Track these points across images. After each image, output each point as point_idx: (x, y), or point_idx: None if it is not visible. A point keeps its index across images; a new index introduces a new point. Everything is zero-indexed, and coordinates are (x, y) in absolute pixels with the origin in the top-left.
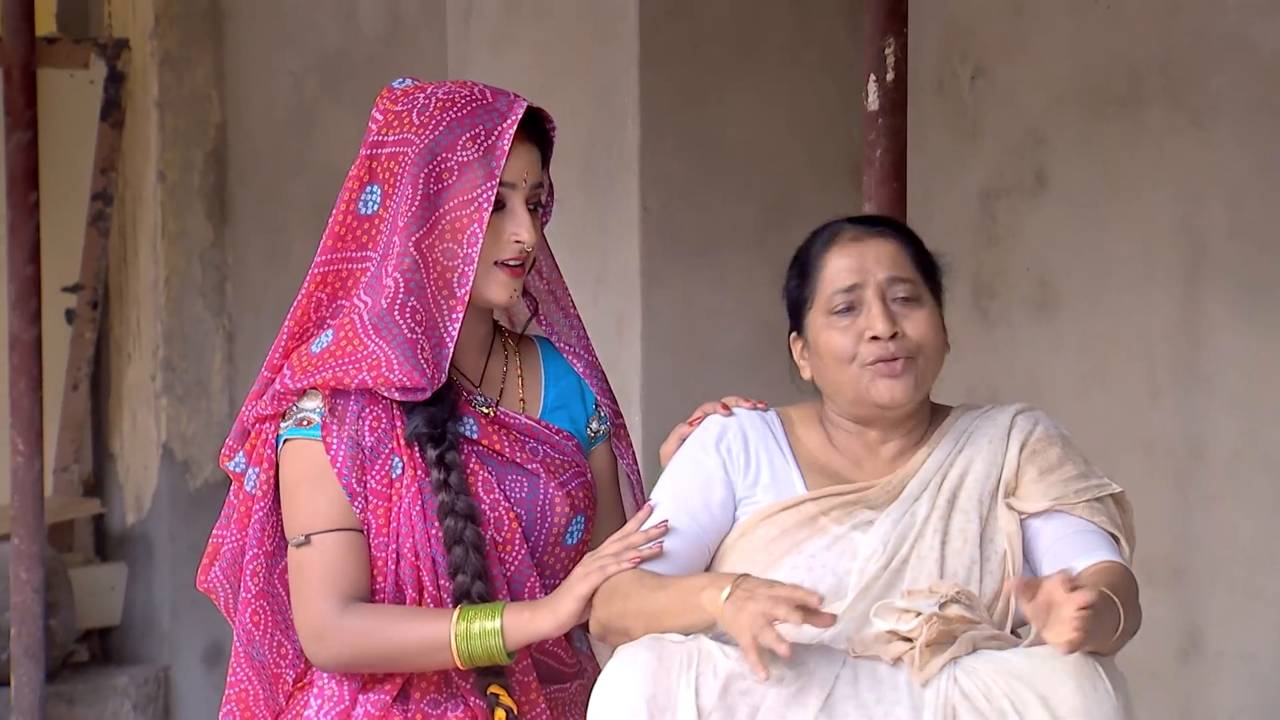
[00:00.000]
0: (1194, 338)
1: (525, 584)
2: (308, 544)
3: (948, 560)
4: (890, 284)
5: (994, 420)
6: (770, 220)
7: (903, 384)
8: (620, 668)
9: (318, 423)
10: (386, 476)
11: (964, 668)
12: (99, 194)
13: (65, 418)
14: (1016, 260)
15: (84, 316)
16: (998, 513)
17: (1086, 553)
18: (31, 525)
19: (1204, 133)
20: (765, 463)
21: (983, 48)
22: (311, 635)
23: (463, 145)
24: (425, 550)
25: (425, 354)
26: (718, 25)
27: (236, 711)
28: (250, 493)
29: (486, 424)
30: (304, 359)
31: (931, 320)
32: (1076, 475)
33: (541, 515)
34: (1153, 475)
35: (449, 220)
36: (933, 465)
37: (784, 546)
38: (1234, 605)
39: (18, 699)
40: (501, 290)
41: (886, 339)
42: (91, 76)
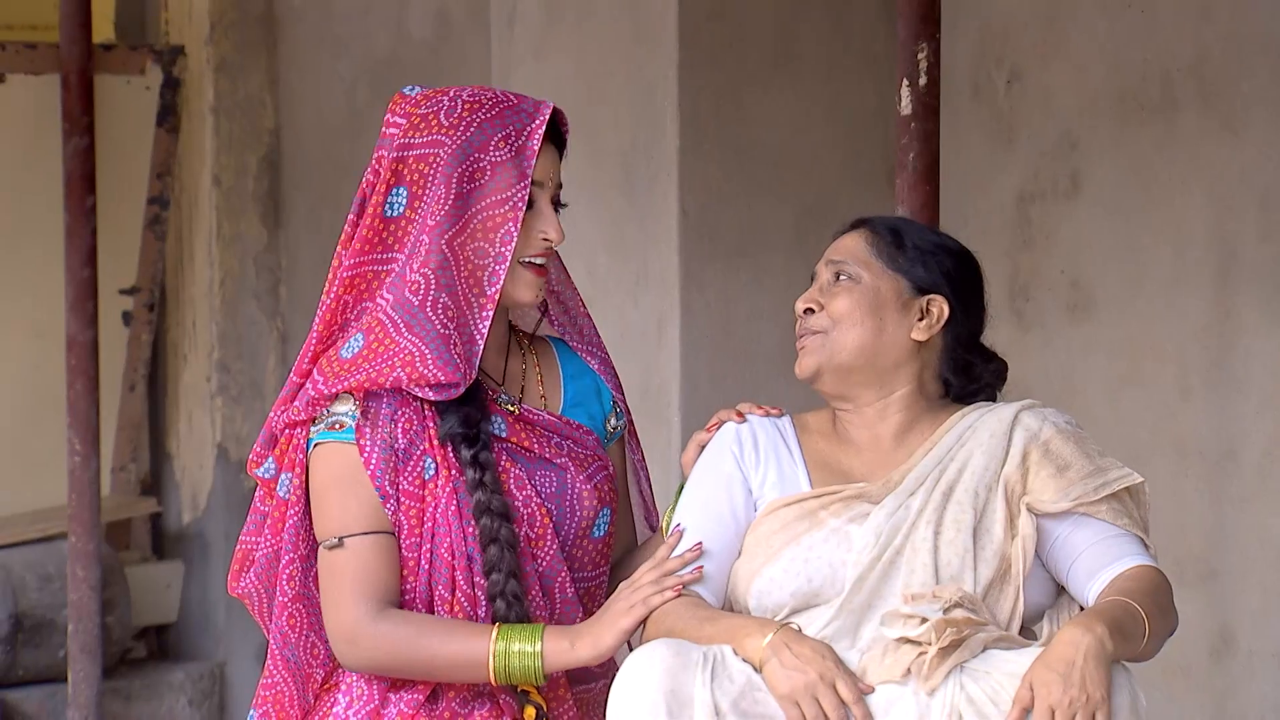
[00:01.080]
0: (1225, 340)
1: (556, 579)
2: (341, 546)
3: (941, 550)
4: (829, 265)
5: (997, 416)
6: (807, 223)
7: (808, 360)
8: (640, 663)
9: (351, 426)
10: (419, 477)
11: (970, 673)
12: (155, 198)
13: (122, 418)
14: (1051, 263)
15: (141, 319)
16: (995, 505)
17: (1117, 559)
18: (88, 524)
19: (1235, 136)
20: (774, 463)
21: (1018, 53)
22: (343, 638)
23: (495, 145)
24: (460, 549)
25: (458, 349)
26: (756, 30)
27: (272, 713)
28: (284, 498)
29: (513, 421)
30: (335, 364)
31: (854, 296)
32: (1094, 470)
33: (571, 509)
34: (1185, 476)
35: (481, 219)
36: (932, 460)
37: (784, 539)
38: (1266, 605)
39: (75, 695)
40: (527, 290)
41: (801, 313)
42: (148, 83)
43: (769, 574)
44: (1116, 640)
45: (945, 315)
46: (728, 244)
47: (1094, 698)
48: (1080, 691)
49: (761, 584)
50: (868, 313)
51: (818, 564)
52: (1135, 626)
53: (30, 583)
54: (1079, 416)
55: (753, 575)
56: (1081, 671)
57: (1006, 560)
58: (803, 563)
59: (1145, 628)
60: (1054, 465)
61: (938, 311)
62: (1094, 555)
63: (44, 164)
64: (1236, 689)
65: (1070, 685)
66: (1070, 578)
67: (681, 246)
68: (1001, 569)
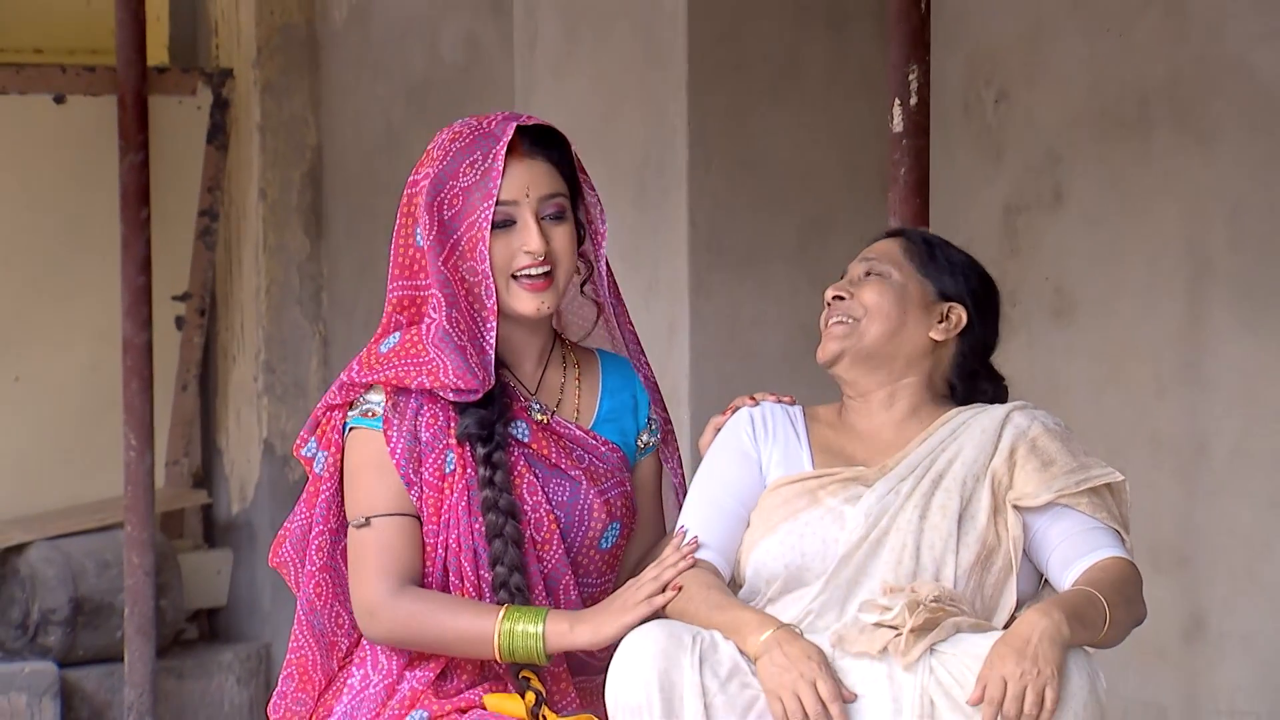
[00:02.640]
0: (1198, 342)
1: (560, 581)
2: (367, 525)
3: (925, 533)
4: (863, 262)
5: (990, 414)
6: (810, 234)
7: (833, 345)
8: (636, 644)
9: (380, 415)
10: (440, 470)
11: (939, 655)
12: (205, 210)
13: (175, 415)
14: (1036, 271)
15: (192, 323)
16: (981, 494)
17: (1091, 551)
18: (143, 514)
19: (1207, 152)
20: (781, 444)
21: (1005, 74)
22: (365, 610)
23: (463, 171)
24: (468, 542)
25: (474, 359)
26: (761, 51)
27: (295, 675)
28: (319, 474)
29: (538, 430)
30: (373, 356)
31: (885, 289)
32: (1077, 467)
33: (580, 519)
34: (1160, 470)
35: (466, 241)
36: (926, 449)
37: (783, 514)
38: (1235, 591)
39: (130, 673)
40: (526, 303)
41: (830, 299)
42: (199, 103)
43: (766, 545)
44: (1074, 625)
45: (963, 323)
46: (734, 254)
47: (1044, 673)
48: (1032, 665)
49: (759, 555)
50: (894, 305)
51: (811, 539)
52: (1095, 614)
53: (89, 569)
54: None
55: (752, 546)
56: (1035, 648)
57: (987, 546)
58: (798, 537)
59: (1106, 616)
60: (1039, 460)
61: (956, 318)
62: (1071, 545)
63: (102, 179)
64: (1207, 671)
65: (1023, 659)
66: (1049, 567)
67: (691, 256)
68: (982, 554)
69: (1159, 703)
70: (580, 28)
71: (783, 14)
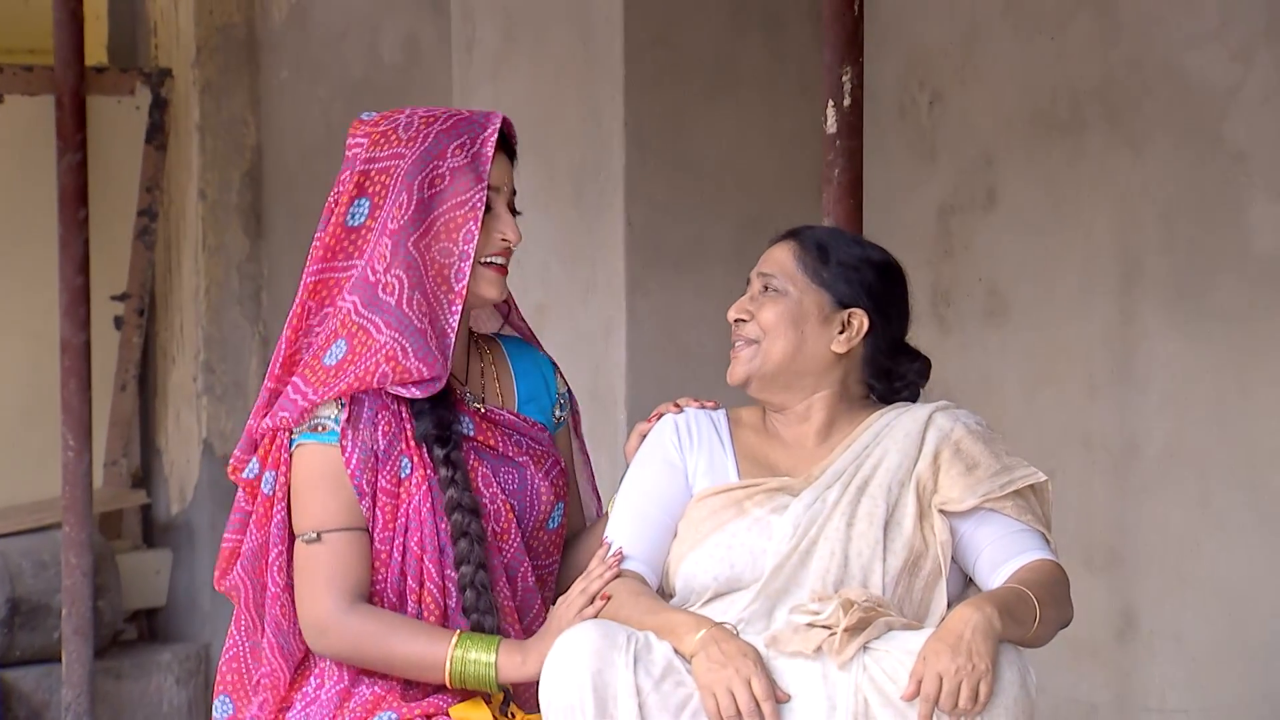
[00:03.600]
0: (1129, 343)
1: (519, 569)
2: (319, 541)
3: (853, 540)
4: (759, 276)
5: (912, 416)
6: (746, 235)
7: (739, 369)
8: (569, 644)
9: (334, 429)
10: (395, 476)
11: (873, 655)
12: (144, 211)
13: (114, 416)
14: (970, 271)
15: (131, 323)
16: (906, 500)
17: (1019, 554)
18: (80, 514)
19: (1138, 154)
20: (706, 453)
21: (939, 76)
22: (315, 627)
23: (452, 152)
24: (433, 542)
25: (433, 342)
26: (697, 54)
27: (270, 700)
28: (269, 494)
29: (479, 421)
30: (320, 372)
31: (780, 309)
32: (1001, 469)
33: (531, 504)
34: (1092, 469)
35: (444, 221)
36: (850, 456)
37: (710, 526)
38: (1165, 589)
39: (68, 674)
40: (491, 287)
41: (732, 321)
42: (137, 103)
43: (694, 558)
44: (1005, 620)
45: (865, 328)
46: (671, 254)
47: (979, 668)
48: (967, 660)
49: (688, 567)
50: (791, 325)
51: (740, 551)
52: (1026, 611)
53: (27, 569)
54: (996, 414)
55: (680, 559)
56: (969, 644)
57: (914, 552)
58: (726, 549)
59: (1036, 614)
60: (963, 464)
61: (858, 324)
62: (998, 549)
63: (39, 179)
64: (1139, 668)
65: (958, 654)
66: (976, 570)
67: (628, 256)
68: (909, 560)
69: (1090, 700)
70: (517, 30)
71: (719, 16)
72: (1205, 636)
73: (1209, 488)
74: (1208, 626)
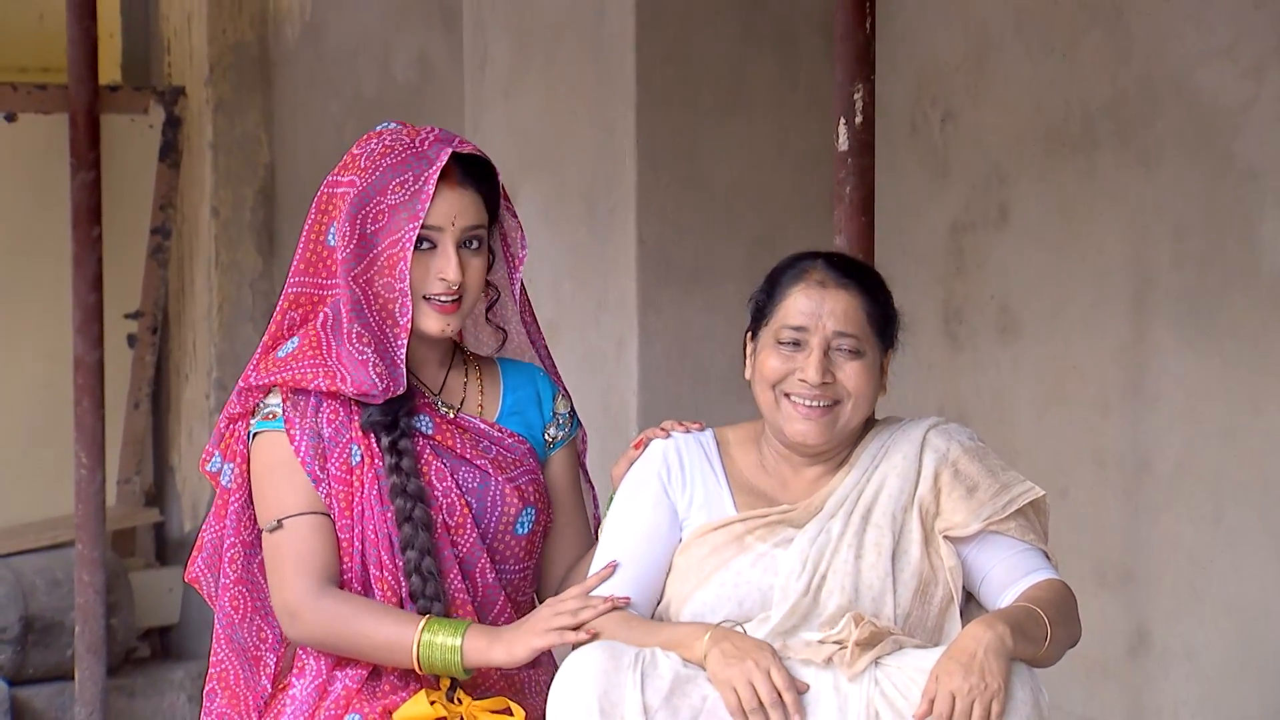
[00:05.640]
0: (1141, 360)
1: (476, 565)
2: (280, 528)
3: (863, 573)
4: (836, 337)
5: (908, 436)
6: (757, 252)
7: (817, 428)
8: (575, 666)
9: (280, 416)
10: (346, 464)
11: (885, 670)
12: (158, 228)
13: (127, 434)
14: (982, 288)
15: (145, 341)
16: (911, 526)
17: (1026, 574)
18: (93, 532)
19: (1150, 171)
20: (700, 484)
21: (951, 94)
22: (287, 612)
23: (392, 190)
24: (383, 530)
25: (379, 369)
26: (709, 72)
27: (219, 690)
28: (226, 486)
29: (442, 423)
30: (269, 360)
31: (864, 372)
32: (1000, 489)
33: (492, 504)
34: (1104, 486)
35: (385, 258)
36: (850, 483)
37: (714, 564)
38: (1178, 606)
39: (81, 691)
40: (433, 323)
41: (815, 385)
42: (151, 121)
43: (701, 597)
44: (1017, 639)
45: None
46: (683, 272)
47: (991, 687)
48: (980, 680)
49: (694, 607)
50: (872, 387)
51: (747, 589)
52: (1037, 630)
53: (40, 587)
54: (1008, 431)
55: (685, 598)
56: (981, 662)
57: (924, 580)
58: (732, 587)
59: (1047, 632)
60: (964, 487)
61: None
62: (1004, 571)
63: (53, 197)
64: (1151, 685)
65: (970, 674)
66: (982, 592)
67: (640, 274)
68: (919, 589)
69: (1102, 717)
70: (530, 47)
71: (731, 34)
72: (1217, 654)
73: (1221, 504)
74: (1220, 643)
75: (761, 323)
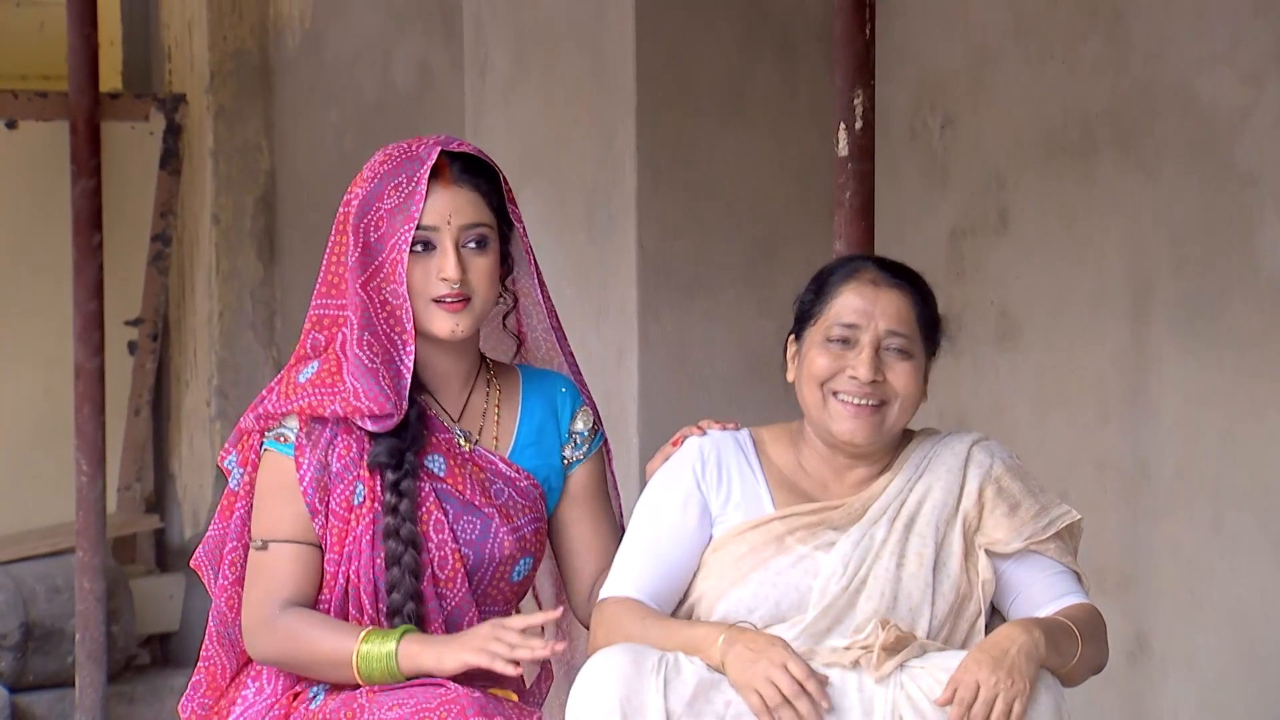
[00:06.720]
0: (1141, 366)
1: (464, 618)
2: (265, 549)
3: (903, 582)
4: (887, 335)
5: (952, 449)
6: (757, 258)
7: (866, 426)
8: (597, 669)
9: (292, 442)
10: (348, 501)
11: (910, 673)
12: (158, 236)
13: (128, 440)
14: (981, 294)
15: (145, 348)
16: (953, 538)
17: (1059, 596)
18: (93, 539)
19: (1149, 177)
20: (737, 481)
21: (950, 100)
22: (248, 630)
23: (388, 195)
24: (368, 575)
25: (386, 381)
26: (709, 78)
27: (204, 681)
28: (234, 489)
29: (454, 465)
30: (289, 385)
31: (913, 373)
32: (1040, 510)
33: (489, 556)
34: (1104, 493)
35: (389, 264)
36: (893, 490)
37: (751, 563)
38: (1178, 612)
39: (81, 698)
40: (442, 324)
41: (865, 383)
42: (151, 128)
43: (737, 595)
44: (1049, 648)
45: None
46: (683, 277)
47: (1017, 685)
48: (1007, 675)
49: (730, 605)
50: (918, 386)
51: (785, 589)
52: (1069, 644)
53: (40, 594)
54: (1008, 436)
55: (720, 595)
56: (1012, 660)
57: (961, 594)
58: (770, 587)
59: (1078, 649)
60: (1006, 504)
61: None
62: (1038, 590)
63: (54, 204)
64: (1151, 691)
65: (999, 668)
66: (1013, 609)
67: (640, 280)
68: (956, 601)
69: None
70: (529, 54)
71: (730, 40)
72: (1217, 660)
73: (1221, 511)
74: (1220, 650)
75: (808, 323)
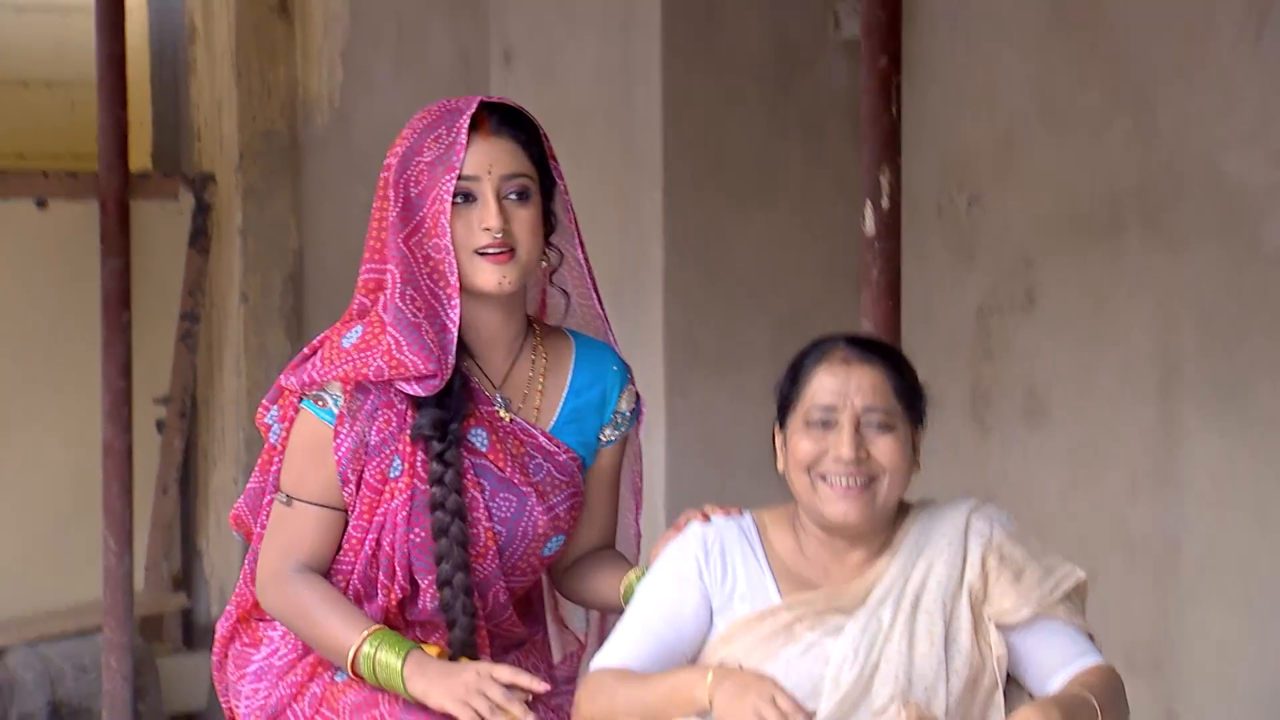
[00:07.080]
0: (1169, 444)
1: (491, 588)
2: (289, 505)
3: (915, 663)
4: (866, 412)
5: (949, 520)
6: (784, 336)
7: (858, 505)
8: None
9: (333, 410)
10: (384, 473)
11: None
12: (187, 314)
13: (155, 518)
14: (1008, 373)
15: (173, 426)
16: (960, 613)
17: (1075, 659)
18: (121, 617)
19: (1177, 256)
20: (742, 571)
21: (977, 177)
22: (260, 580)
23: (428, 146)
24: (403, 548)
25: (430, 336)
26: (736, 155)
27: (234, 612)
28: (273, 444)
29: (496, 439)
30: (334, 351)
31: (898, 446)
32: (1044, 573)
33: (522, 533)
34: (1133, 572)
35: (430, 217)
36: (896, 570)
37: (762, 655)
38: (1208, 693)
39: None
40: (488, 278)
41: (849, 461)
42: (181, 207)
43: None
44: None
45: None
46: (709, 355)
47: None
48: None
49: None
50: (907, 462)
51: (797, 679)
52: (1088, 718)
53: (68, 673)
54: (1036, 515)
55: None
56: None
57: (974, 669)
58: (782, 677)
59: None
60: (1010, 572)
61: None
62: (1052, 655)
63: (83, 282)
64: None
65: None
66: (1028, 677)
67: (666, 357)
68: (971, 677)
69: None
70: (558, 132)
71: (757, 118)
72: None
73: (1251, 590)
74: None
75: (789, 410)
